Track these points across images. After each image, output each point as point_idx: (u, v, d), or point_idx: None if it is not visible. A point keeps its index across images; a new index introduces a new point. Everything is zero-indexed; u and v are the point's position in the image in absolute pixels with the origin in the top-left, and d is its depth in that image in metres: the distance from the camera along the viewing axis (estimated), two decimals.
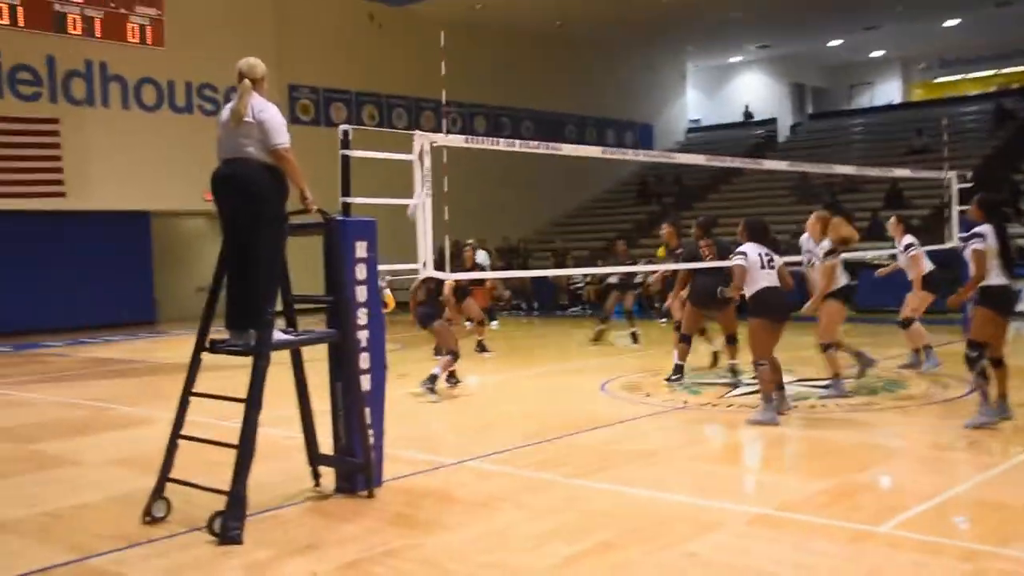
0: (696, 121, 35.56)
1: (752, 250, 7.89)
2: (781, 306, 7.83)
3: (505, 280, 22.94)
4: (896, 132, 27.51)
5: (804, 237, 9.45)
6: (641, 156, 9.09)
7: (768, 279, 7.80)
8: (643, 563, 4.51)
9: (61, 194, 19.74)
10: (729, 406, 8.51)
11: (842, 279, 8.95)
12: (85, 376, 12.72)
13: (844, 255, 9.07)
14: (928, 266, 10.40)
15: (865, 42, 32.49)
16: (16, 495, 6.21)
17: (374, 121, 25.36)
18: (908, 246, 10.41)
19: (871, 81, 36.85)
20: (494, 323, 17.59)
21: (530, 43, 27.86)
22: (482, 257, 17.00)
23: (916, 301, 10.35)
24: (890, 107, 33.48)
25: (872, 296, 15.85)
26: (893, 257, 11.16)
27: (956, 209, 12.37)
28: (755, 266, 7.81)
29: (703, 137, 33.75)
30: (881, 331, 13.39)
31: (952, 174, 12.53)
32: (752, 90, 35.57)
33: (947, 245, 12.40)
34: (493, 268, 19.05)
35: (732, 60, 35.10)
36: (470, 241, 13.94)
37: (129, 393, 10.38)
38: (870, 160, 23.34)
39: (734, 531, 4.95)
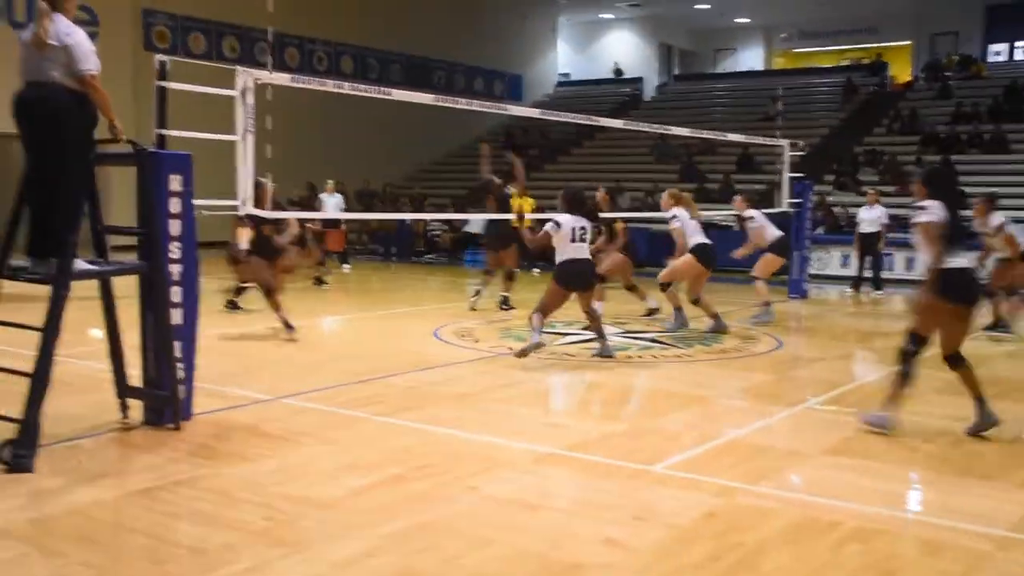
0: (566, 75, 35.88)
1: (567, 221, 8.34)
2: (582, 276, 8.49)
3: (365, 224, 22.95)
4: (755, 98, 28.45)
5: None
6: (475, 106, 9.17)
7: (576, 251, 8.37)
8: (426, 494, 4.74)
9: None
10: (552, 354, 8.83)
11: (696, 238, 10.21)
12: None
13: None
14: (773, 233, 11.24)
15: (731, 7, 33.34)
16: None
17: (235, 54, 24.65)
18: (750, 219, 11.18)
19: (735, 47, 37.84)
20: (346, 266, 17.57)
21: None
22: (336, 200, 16.89)
23: (763, 265, 11.33)
24: (751, 73, 34.51)
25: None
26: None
27: (787, 176, 13.04)
28: (566, 238, 8.30)
29: (572, 91, 34.09)
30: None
31: (785, 143, 13.15)
32: (622, 48, 36.06)
33: (777, 210, 13.09)
34: (350, 211, 18.93)
35: (603, 16, 35.46)
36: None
37: None
38: (728, 124, 24.14)
39: (520, 468, 5.23)
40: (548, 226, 8.37)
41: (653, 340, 9.76)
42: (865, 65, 31.41)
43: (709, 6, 33.02)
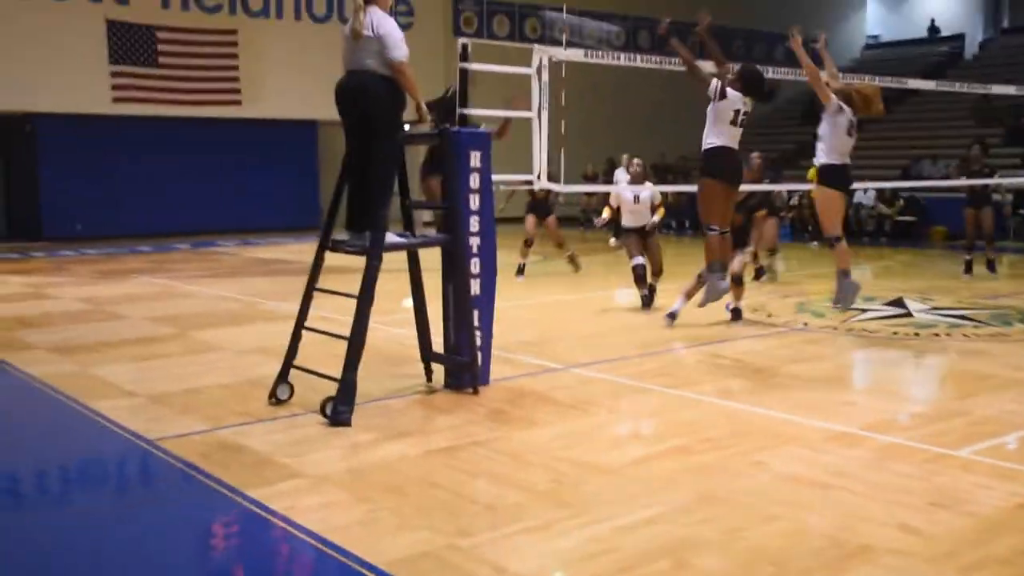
0: (875, 37, 33.71)
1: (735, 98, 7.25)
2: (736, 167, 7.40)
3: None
4: None
5: None
6: (772, 73, 8.85)
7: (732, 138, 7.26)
8: (711, 467, 4.72)
9: (238, 102, 20.94)
10: (850, 330, 8.44)
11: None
12: (246, 274, 13.75)
13: None
14: None
15: None
16: (171, 374, 6.96)
17: (536, 35, 25.43)
18: None
19: None
20: (613, 240, 17.59)
21: None
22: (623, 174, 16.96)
23: None
24: None
25: None
26: None
27: None
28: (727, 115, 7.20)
29: (880, 54, 32.01)
30: None
31: None
32: (940, 2, 33.30)
33: None
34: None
35: None
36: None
37: (280, 290, 11.19)
38: None
39: (811, 446, 5.07)
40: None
41: (963, 317, 9.03)
42: None
43: None
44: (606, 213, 10.17)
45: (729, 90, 7.16)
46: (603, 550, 3.74)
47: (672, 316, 8.58)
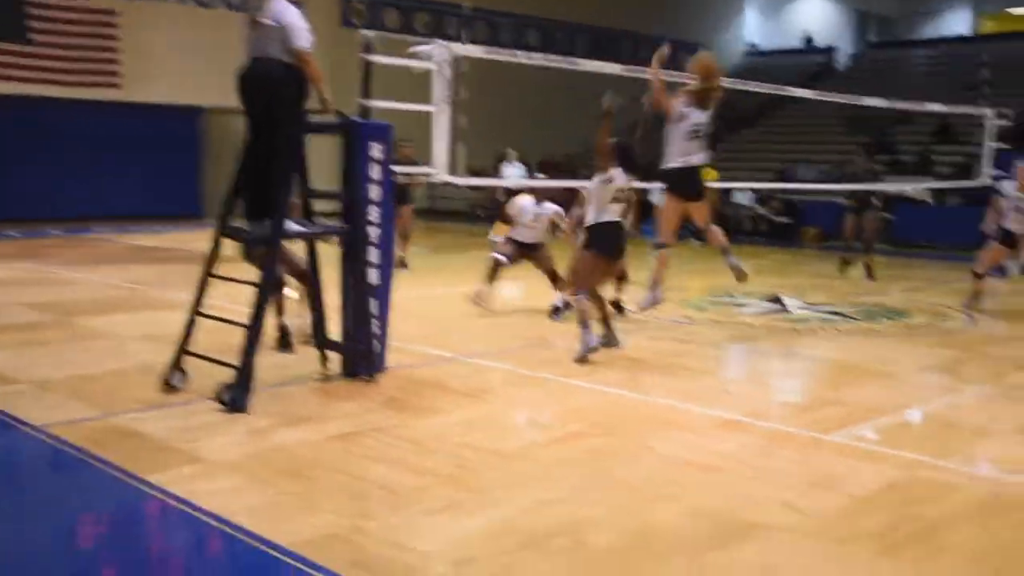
0: (753, 45, 34.94)
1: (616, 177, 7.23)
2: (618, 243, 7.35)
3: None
4: (958, 65, 26.87)
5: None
6: (663, 76, 9.15)
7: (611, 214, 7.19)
8: (604, 451, 4.92)
9: (117, 85, 20.25)
10: (730, 324, 8.82)
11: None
12: (128, 261, 13.39)
13: None
14: None
15: None
16: (55, 360, 6.78)
17: (427, 29, 25.43)
18: None
19: (939, 11, 35.77)
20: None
21: None
22: (518, 170, 17.25)
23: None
24: (956, 39, 32.56)
25: None
26: None
27: (989, 146, 12.37)
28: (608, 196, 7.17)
29: (759, 62, 33.18)
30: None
31: (990, 111, 12.47)
32: (813, 15, 34.79)
33: (977, 183, 12.46)
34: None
35: None
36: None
37: (164, 278, 10.95)
38: (928, 93, 22.94)
39: (698, 431, 5.34)
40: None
41: (836, 313, 9.55)
42: None
43: None
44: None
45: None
46: (505, 530, 3.88)
47: (557, 310, 8.79)
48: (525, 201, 9.12)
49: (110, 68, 20.17)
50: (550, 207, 9.03)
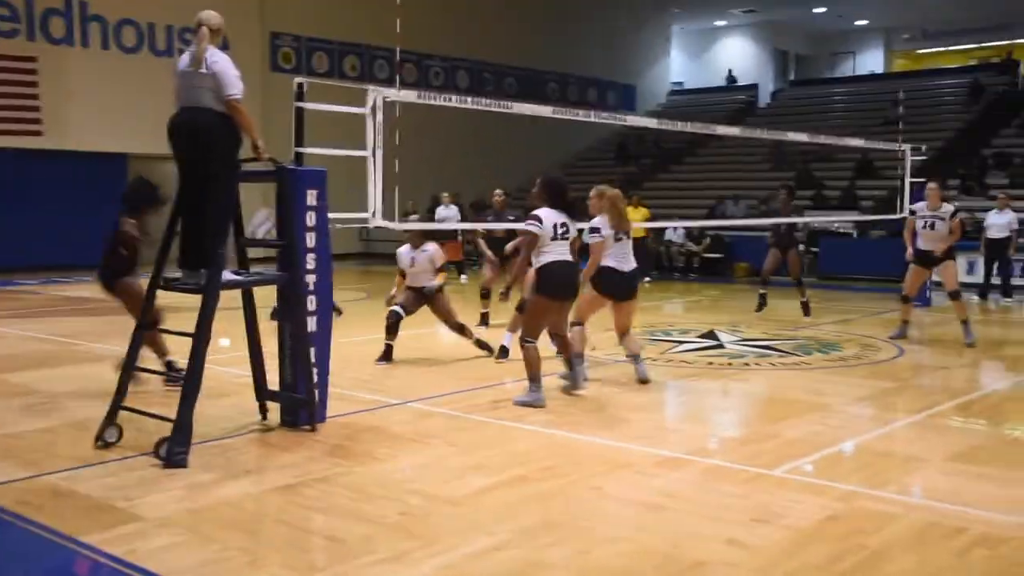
0: (679, 84, 35.76)
1: (548, 217, 7.07)
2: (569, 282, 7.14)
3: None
4: (875, 102, 27.80)
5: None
6: (592, 118, 9.33)
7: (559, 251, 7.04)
8: (551, 494, 4.92)
9: (38, 132, 19.89)
10: (668, 361, 8.92)
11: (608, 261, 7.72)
12: (55, 313, 13.08)
13: None
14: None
15: (851, 10, 32.70)
16: None
17: (355, 72, 25.49)
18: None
19: (854, 50, 37.05)
20: (463, 277, 17.94)
21: None
22: (452, 212, 17.32)
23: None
24: (870, 77, 33.72)
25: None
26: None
27: (908, 181, 12.79)
28: (547, 236, 7.02)
29: (685, 100, 33.98)
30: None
31: (907, 147, 12.89)
32: (736, 55, 35.79)
33: (897, 216, 12.86)
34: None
35: (717, 24, 35.26)
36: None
37: (96, 330, 10.71)
38: (847, 129, 23.69)
39: (641, 471, 5.37)
40: (529, 225, 7.07)
41: (769, 347, 9.74)
42: (994, 64, 30.35)
43: (826, 9, 32.45)
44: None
45: (542, 215, 7.06)
46: None
47: (504, 352, 8.82)
48: (403, 249, 9.03)
49: (32, 115, 19.81)
50: (430, 247, 8.89)
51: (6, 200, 19.37)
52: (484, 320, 11.24)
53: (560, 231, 7.08)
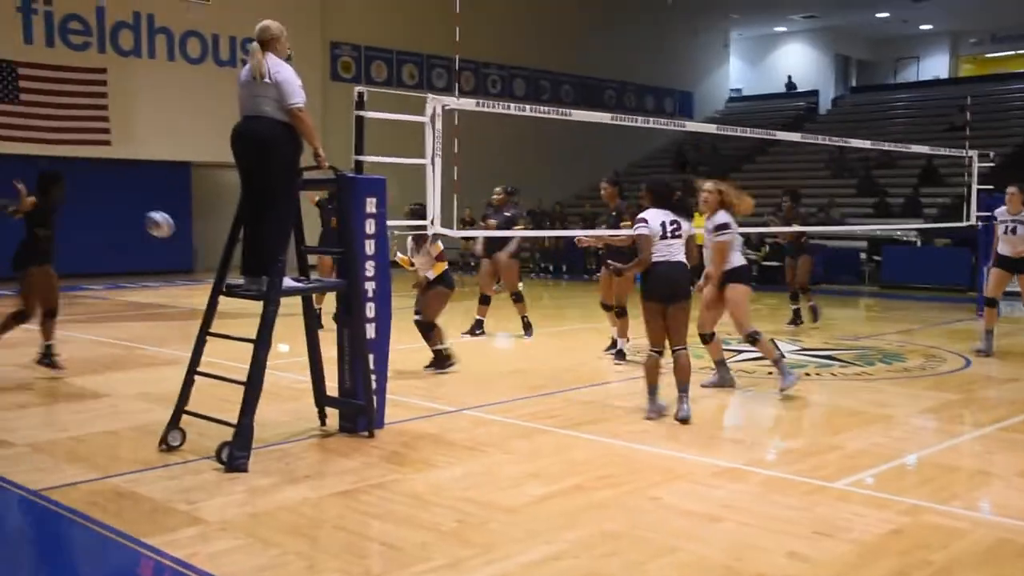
0: (737, 91, 35.42)
1: (654, 217, 6.94)
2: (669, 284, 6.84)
3: (537, 243, 23.39)
4: (939, 108, 27.26)
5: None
6: (652, 123, 9.26)
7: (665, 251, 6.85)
8: (608, 503, 4.89)
9: (107, 142, 20.37)
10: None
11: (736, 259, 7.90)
12: (121, 318, 13.37)
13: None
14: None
15: (915, 14, 32.07)
16: (50, 421, 6.75)
17: (413, 80, 25.70)
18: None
19: (918, 55, 36.35)
20: (519, 284, 17.90)
21: (575, 5, 27.93)
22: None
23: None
24: (935, 82, 33.07)
25: None
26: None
27: (975, 188, 12.50)
28: (655, 235, 6.86)
29: (743, 107, 33.66)
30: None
31: (973, 153, 12.60)
32: (796, 61, 35.33)
33: (964, 224, 12.59)
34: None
35: (777, 30, 34.85)
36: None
37: (159, 335, 10.94)
38: (910, 136, 23.26)
39: (700, 481, 5.31)
40: (638, 228, 6.95)
41: (830, 357, 9.58)
42: None
43: (889, 14, 31.90)
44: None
45: (648, 216, 6.95)
46: None
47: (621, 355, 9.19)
48: (410, 240, 8.93)
49: (100, 125, 20.29)
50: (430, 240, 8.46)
51: (75, 208, 19.80)
52: (479, 327, 11.28)
53: (671, 228, 6.88)
